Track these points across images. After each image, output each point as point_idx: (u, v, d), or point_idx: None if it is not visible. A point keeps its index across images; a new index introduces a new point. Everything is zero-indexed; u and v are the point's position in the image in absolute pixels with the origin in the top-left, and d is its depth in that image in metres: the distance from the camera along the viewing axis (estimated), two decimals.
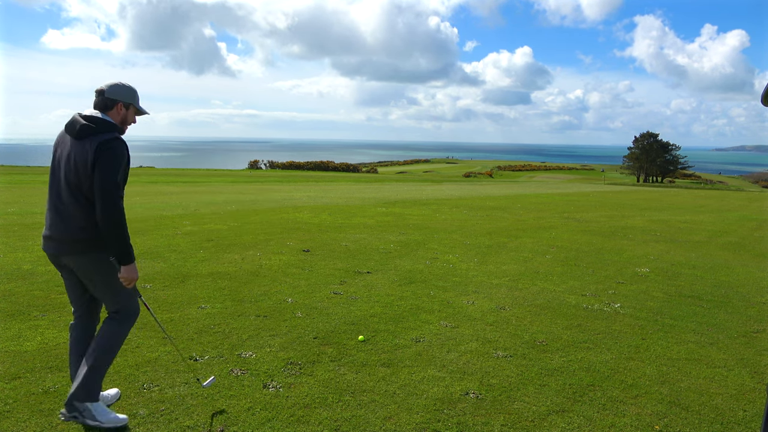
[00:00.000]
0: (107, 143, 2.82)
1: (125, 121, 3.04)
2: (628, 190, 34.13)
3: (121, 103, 3.00)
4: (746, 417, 3.32)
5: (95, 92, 2.99)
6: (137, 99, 3.08)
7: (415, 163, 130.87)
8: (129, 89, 3.04)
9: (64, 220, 2.89)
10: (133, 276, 2.93)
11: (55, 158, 2.97)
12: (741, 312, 5.58)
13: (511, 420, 3.17)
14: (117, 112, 3.00)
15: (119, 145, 2.87)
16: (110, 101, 2.97)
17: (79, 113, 2.93)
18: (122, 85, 3.02)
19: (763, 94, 1.82)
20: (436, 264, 7.39)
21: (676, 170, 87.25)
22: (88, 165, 2.80)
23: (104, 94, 2.96)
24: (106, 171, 2.80)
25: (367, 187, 27.13)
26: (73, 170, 2.84)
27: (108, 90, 2.97)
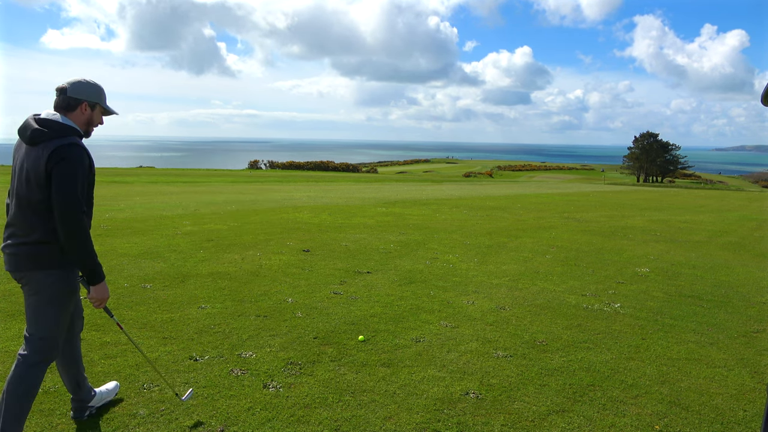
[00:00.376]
0: (62, 151, 2.49)
1: (91, 122, 2.75)
2: (628, 190, 34.14)
3: (85, 103, 2.70)
4: (746, 417, 3.32)
5: (56, 90, 2.68)
6: (104, 97, 2.79)
7: (415, 163, 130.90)
8: (94, 87, 2.74)
9: (18, 232, 2.60)
10: (103, 296, 2.69)
11: (13, 166, 2.66)
12: (741, 312, 5.58)
13: (511, 420, 3.18)
14: (81, 113, 2.70)
15: (77, 152, 2.53)
16: (73, 101, 2.67)
17: (34, 115, 2.61)
18: (87, 82, 2.72)
19: (763, 94, 1.82)
20: (436, 264, 7.39)
21: (676, 170, 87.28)
22: (41, 175, 2.49)
23: (66, 92, 2.66)
24: (63, 183, 2.48)
25: (367, 187, 27.13)
26: (24, 181, 2.54)
27: (71, 88, 2.66)
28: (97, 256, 2.65)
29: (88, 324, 4.49)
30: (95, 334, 4.28)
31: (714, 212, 17.81)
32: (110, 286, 5.69)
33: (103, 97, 2.78)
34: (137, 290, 5.58)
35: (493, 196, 21.89)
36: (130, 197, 16.50)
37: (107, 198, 15.91)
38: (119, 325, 3.07)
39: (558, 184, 46.91)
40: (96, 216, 11.28)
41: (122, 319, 4.67)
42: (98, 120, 2.79)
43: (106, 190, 18.97)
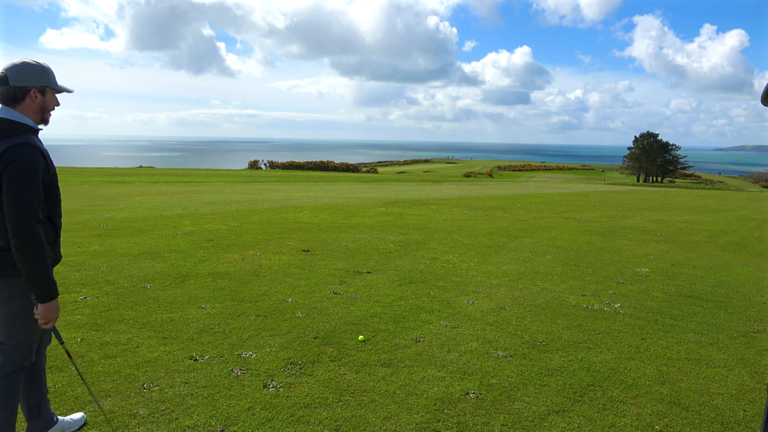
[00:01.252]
0: (11, 152, 2.25)
1: (45, 108, 2.46)
2: (628, 190, 34.14)
3: (33, 90, 2.39)
4: (746, 417, 3.32)
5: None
6: (53, 77, 2.46)
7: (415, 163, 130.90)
8: (39, 68, 2.41)
9: None
10: (52, 315, 2.39)
11: None
12: (741, 312, 5.58)
13: (511, 420, 3.17)
14: (31, 102, 2.40)
15: (28, 152, 2.28)
16: (19, 90, 2.35)
17: None
18: (29, 64, 2.39)
19: (763, 94, 1.82)
20: (436, 264, 7.39)
21: (676, 170, 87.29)
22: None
23: (8, 82, 2.33)
24: (15, 188, 2.23)
25: (367, 187, 27.13)
26: None
27: (12, 77, 2.33)
28: (50, 271, 2.37)
29: (89, 324, 4.49)
30: (95, 334, 4.28)
31: (714, 212, 17.82)
32: (110, 286, 5.70)
33: (51, 78, 2.46)
34: (137, 290, 5.58)
35: (493, 196, 21.90)
36: (130, 197, 16.50)
37: (107, 198, 15.91)
38: (68, 353, 2.74)
39: (558, 184, 46.91)
40: (96, 216, 11.29)
41: (122, 318, 4.67)
42: (53, 103, 2.50)
43: (106, 190, 18.96)
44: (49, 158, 2.41)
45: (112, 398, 3.26)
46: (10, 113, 2.34)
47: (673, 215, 16.07)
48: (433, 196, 21.17)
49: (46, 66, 2.45)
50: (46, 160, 2.38)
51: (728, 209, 19.53)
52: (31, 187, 2.26)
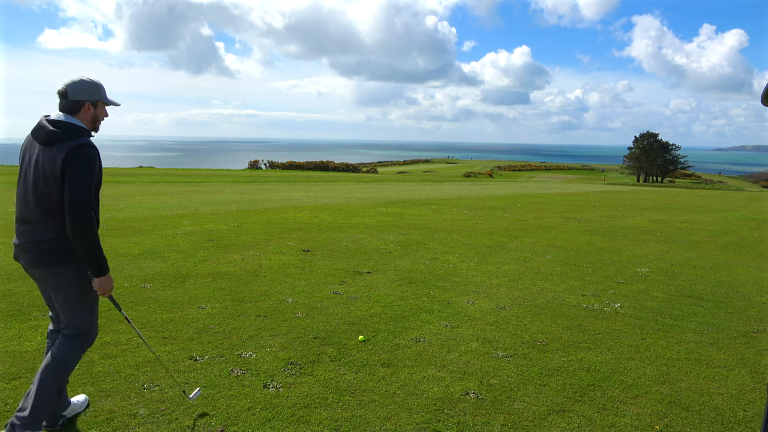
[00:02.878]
0: (77, 150, 2.63)
1: (96, 119, 2.85)
2: (628, 190, 34.14)
3: (87, 103, 2.79)
4: (746, 417, 3.32)
5: (58, 94, 2.78)
6: (104, 93, 2.86)
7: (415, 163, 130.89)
8: (92, 85, 2.81)
9: (34, 230, 2.72)
10: (107, 287, 2.78)
11: (23, 164, 2.78)
12: (741, 312, 5.58)
13: (512, 420, 3.17)
14: (85, 113, 2.80)
15: (89, 152, 2.67)
16: (76, 103, 2.77)
17: (46, 117, 2.75)
18: (85, 81, 2.79)
19: (763, 94, 1.82)
20: (436, 264, 7.39)
21: (676, 170, 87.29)
22: (57, 174, 2.62)
23: (67, 95, 2.75)
24: (76, 180, 2.62)
25: (367, 187, 27.14)
26: (42, 179, 2.66)
27: (71, 92, 2.75)
28: (102, 250, 2.74)
29: None
30: None
31: (714, 212, 17.82)
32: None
33: (102, 93, 2.85)
34: (137, 290, 5.58)
35: (493, 196, 21.90)
36: (130, 197, 16.50)
37: (107, 198, 15.91)
38: (127, 319, 3.14)
39: (558, 184, 46.91)
40: None
41: (122, 319, 4.66)
42: (102, 115, 2.88)
43: (106, 190, 18.97)
44: (101, 160, 2.78)
45: (112, 398, 3.26)
46: (71, 119, 2.75)
47: (673, 215, 16.07)
48: (433, 196, 21.18)
49: (98, 83, 2.85)
50: (99, 161, 2.76)
51: (728, 209, 19.53)
52: (88, 181, 2.66)
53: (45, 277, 2.78)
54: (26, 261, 2.78)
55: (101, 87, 2.85)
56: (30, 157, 2.74)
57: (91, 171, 2.66)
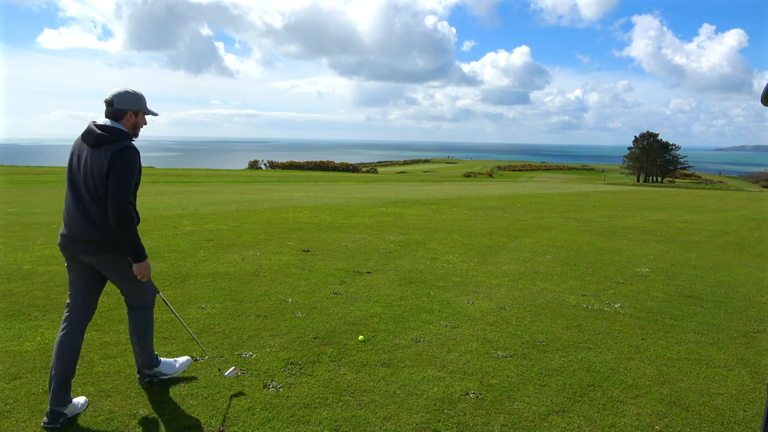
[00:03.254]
0: (121, 152, 3.01)
1: (136, 126, 3.22)
2: (628, 190, 34.14)
3: (129, 112, 3.16)
4: (746, 417, 3.32)
5: (105, 102, 3.15)
6: (144, 103, 3.22)
7: (415, 163, 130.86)
8: (135, 97, 3.17)
9: (85, 221, 3.06)
10: (145, 272, 3.14)
11: (72, 163, 3.13)
12: (741, 312, 5.58)
13: (511, 420, 3.17)
14: (127, 120, 3.17)
15: (131, 154, 3.04)
16: (119, 111, 3.13)
17: (94, 122, 3.11)
18: (128, 93, 3.16)
19: (763, 94, 1.82)
20: (436, 264, 7.39)
21: (676, 170, 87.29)
22: (103, 172, 2.99)
23: (113, 104, 3.13)
24: (119, 178, 2.99)
25: (367, 187, 27.13)
26: (90, 176, 3.03)
27: (116, 101, 3.12)
28: (140, 240, 3.08)
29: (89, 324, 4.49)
30: (95, 334, 4.28)
31: (714, 212, 17.82)
32: (110, 286, 5.68)
33: (143, 103, 3.22)
34: None
35: (493, 196, 21.90)
36: None
37: None
38: (165, 301, 3.49)
39: (558, 184, 46.90)
40: None
41: (122, 319, 4.67)
42: (142, 122, 3.26)
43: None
44: (140, 160, 3.14)
45: (112, 398, 3.26)
46: (116, 125, 3.12)
47: (673, 215, 16.07)
48: (433, 196, 21.17)
49: (140, 94, 3.21)
50: (139, 162, 3.12)
51: (728, 209, 19.53)
52: (129, 179, 3.03)
53: (101, 263, 3.14)
54: (78, 250, 3.10)
55: (142, 98, 3.21)
56: (79, 158, 3.10)
57: (132, 170, 3.04)
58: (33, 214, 11.49)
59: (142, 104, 3.22)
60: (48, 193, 17.26)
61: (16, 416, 3.02)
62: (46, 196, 16.00)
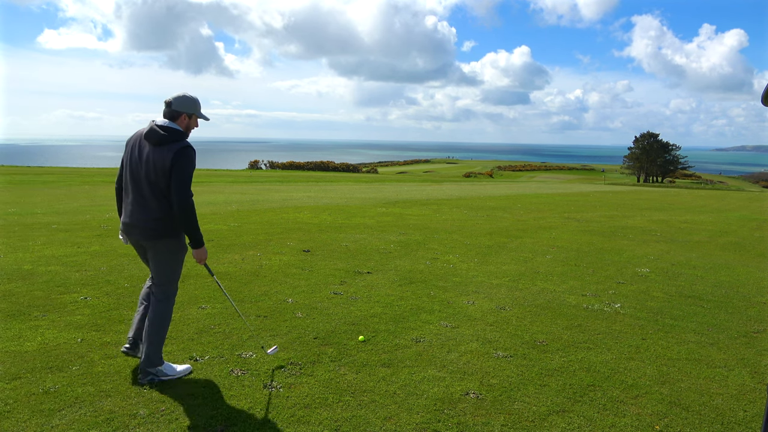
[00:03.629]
0: (182, 151, 3.34)
1: (189, 127, 3.54)
2: (628, 190, 34.13)
3: (184, 114, 3.47)
4: (746, 417, 3.32)
5: (164, 103, 3.48)
6: (199, 108, 3.54)
7: (415, 163, 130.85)
8: (191, 101, 3.48)
9: (146, 211, 3.41)
10: (202, 256, 3.52)
11: (132, 158, 3.43)
12: (741, 312, 5.58)
13: (512, 420, 3.17)
14: (182, 121, 3.48)
15: (191, 152, 3.40)
16: (176, 113, 3.45)
17: (155, 123, 3.42)
18: (185, 97, 3.47)
19: (764, 94, 1.82)
20: (436, 264, 7.39)
21: (677, 170, 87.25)
22: (166, 168, 3.31)
23: (171, 106, 3.44)
24: (181, 173, 3.33)
25: (368, 187, 27.13)
26: (153, 171, 3.34)
27: (174, 103, 3.44)
28: (199, 228, 3.42)
29: (89, 324, 4.49)
30: (95, 334, 4.28)
31: (714, 212, 17.81)
32: (111, 286, 5.71)
33: (198, 108, 3.53)
34: (138, 290, 5.58)
35: (494, 197, 21.89)
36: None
37: (107, 198, 15.91)
38: (217, 282, 3.87)
39: (558, 184, 46.91)
40: (96, 216, 11.29)
41: (122, 319, 4.67)
42: (194, 125, 3.57)
43: (106, 191, 18.97)
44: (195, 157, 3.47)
45: (112, 398, 3.26)
46: (174, 125, 3.42)
47: (674, 215, 16.06)
48: (434, 196, 21.17)
49: (196, 99, 3.52)
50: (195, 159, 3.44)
51: (728, 209, 19.53)
52: (190, 174, 3.38)
53: (153, 246, 3.47)
54: (138, 236, 3.47)
55: (197, 103, 3.52)
56: (140, 154, 3.40)
57: (191, 167, 3.38)
58: (33, 214, 11.49)
59: (197, 109, 3.52)
60: (48, 193, 17.26)
61: (16, 416, 3.02)
62: (46, 196, 16.00)
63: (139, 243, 3.54)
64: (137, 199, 3.43)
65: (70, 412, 3.08)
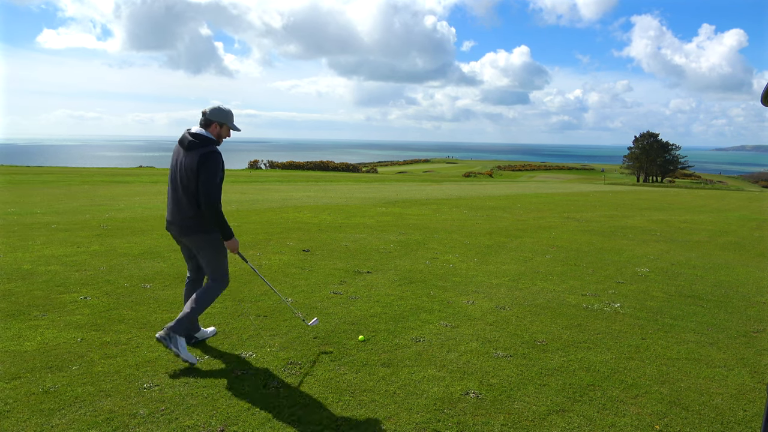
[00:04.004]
0: (208, 155, 3.70)
1: (220, 135, 3.89)
2: (628, 190, 34.13)
3: (216, 123, 3.84)
4: (746, 417, 3.32)
5: (201, 113, 3.86)
6: (231, 119, 3.90)
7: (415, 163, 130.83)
8: (223, 112, 3.85)
9: (180, 210, 3.81)
10: (233, 246, 3.86)
11: (172, 162, 3.87)
12: (741, 312, 5.58)
13: (511, 420, 3.17)
14: (213, 129, 3.85)
15: (216, 156, 3.73)
16: (209, 121, 3.83)
17: (188, 130, 3.82)
18: (219, 108, 3.84)
19: (763, 94, 1.82)
20: (436, 264, 7.39)
21: (676, 170, 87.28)
22: (194, 170, 3.69)
23: (206, 115, 3.83)
24: (206, 174, 3.68)
25: (367, 187, 27.13)
26: (185, 174, 3.73)
27: (209, 113, 3.82)
28: (227, 222, 3.79)
29: (89, 324, 4.49)
30: (95, 334, 4.28)
31: (714, 212, 17.81)
32: (110, 286, 5.70)
33: (230, 119, 3.89)
34: (137, 290, 5.58)
35: (493, 196, 21.89)
36: (130, 197, 16.50)
37: (107, 198, 15.92)
38: (253, 268, 4.24)
39: (558, 184, 46.91)
40: (96, 216, 11.29)
41: (122, 318, 4.67)
42: (226, 134, 3.93)
43: (106, 190, 18.97)
44: (224, 162, 3.80)
45: (112, 398, 3.26)
46: (204, 132, 3.81)
47: (673, 215, 16.07)
48: (433, 195, 21.17)
49: (229, 110, 3.89)
50: (222, 163, 3.78)
51: (728, 209, 19.53)
52: (215, 176, 3.72)
53: (190, 242, 3.87)
54: (176, 232, 3.89)
55: (230, 114, 3.89)
56: (177, 159, 3.82)
57: (216, 169, 3.72)
58: (33, 214, 11.49)
59: (228, 119, 3.87)
60: (48, 193, 17.26)
61: (16, 416, 3.02)
62: (46, 196, 15.99)
63: (178, 239, 3.96)
64: (174, 199, 3.84)
65: (70, 412, 3.08)
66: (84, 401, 3.21)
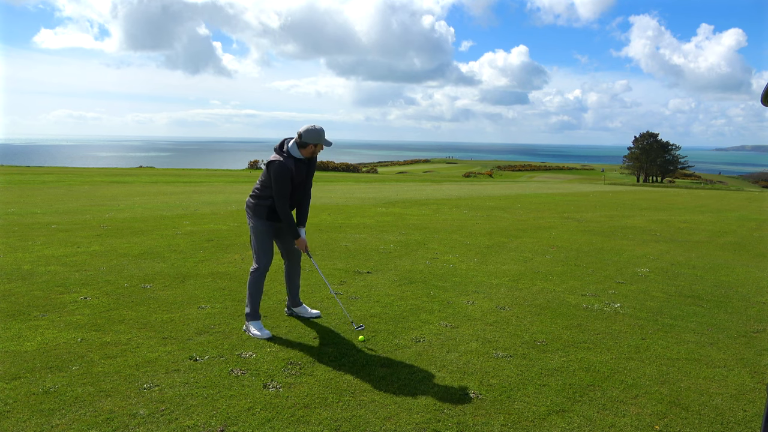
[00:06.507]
0: (270, 163, 4.28)
1: (313, 153, 4.35)
2: (628, 190, 34.13)
3: (311, 144, 4.30)
4: (746, 417, 3.32)
5: (297, 133, 4.30)
6: (323, 137, 4.30)
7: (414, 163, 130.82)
8: (316, 132, 4.25)
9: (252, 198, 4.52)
10: (301, 246, 4.51)
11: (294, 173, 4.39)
12: (741, 312, 5.58)
13: (511, 420, 3.18)
14: (308, 150, 4.32)
15: (275, 164, 4.23)
16: (304, 143, 4.28)
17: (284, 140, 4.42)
18: (312, 130, 4.25)
19: (763, 94, 1.82)
20: (436, 264, 7.39)
21: (676, 170, 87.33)
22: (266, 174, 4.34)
23: (302, 137, 4.27)
24: (273, 183, 4.26)
25: (367, 187, 27.12)
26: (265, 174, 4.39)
27: (304, 135, 4.25)
28: (294, 223, 4.41)
29: (89, 324, 4.50)
30: (95, 334, 4.28)
31: (714, 212, 17.82)
32: (110, 286, 5.70)
33: (321, 138, 4.30)
34: (137, 290, 5.58)
35: (493, 196, 21.89)
36: (130, 197, 16.50)
37: (107, 198, 15.91)
38: (314, 262, 4.79)
39: (558, 184, 46.91)
40: (96, 216, 11.29)
41: (122, 318, 4.67)
42: (318, 150, 4.37)
43: (106, 190, 18.97)
44: (293, 169, 4.28)
45: (112, 398, 3.26)
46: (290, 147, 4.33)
47: (673, 215, 16.07)
48: (433, 196, 21.17)
49: (320, 131, 4.29)
50: (291, 170, 4.26)
51: (728, 209, 19.53)
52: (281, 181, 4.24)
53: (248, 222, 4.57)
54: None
55: (322, 134, 4.28)
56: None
57: (278, 177, 4.23)
58: (33, 214, 11.49)
59: (321, 139, 4.29)
60: (48, 193, 17.26)
61: (16, 416, 3.02)
62: (46, 197, 15.99)
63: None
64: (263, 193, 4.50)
65: (70, 412, 3.08)
66: (84, 401, 3.21)
